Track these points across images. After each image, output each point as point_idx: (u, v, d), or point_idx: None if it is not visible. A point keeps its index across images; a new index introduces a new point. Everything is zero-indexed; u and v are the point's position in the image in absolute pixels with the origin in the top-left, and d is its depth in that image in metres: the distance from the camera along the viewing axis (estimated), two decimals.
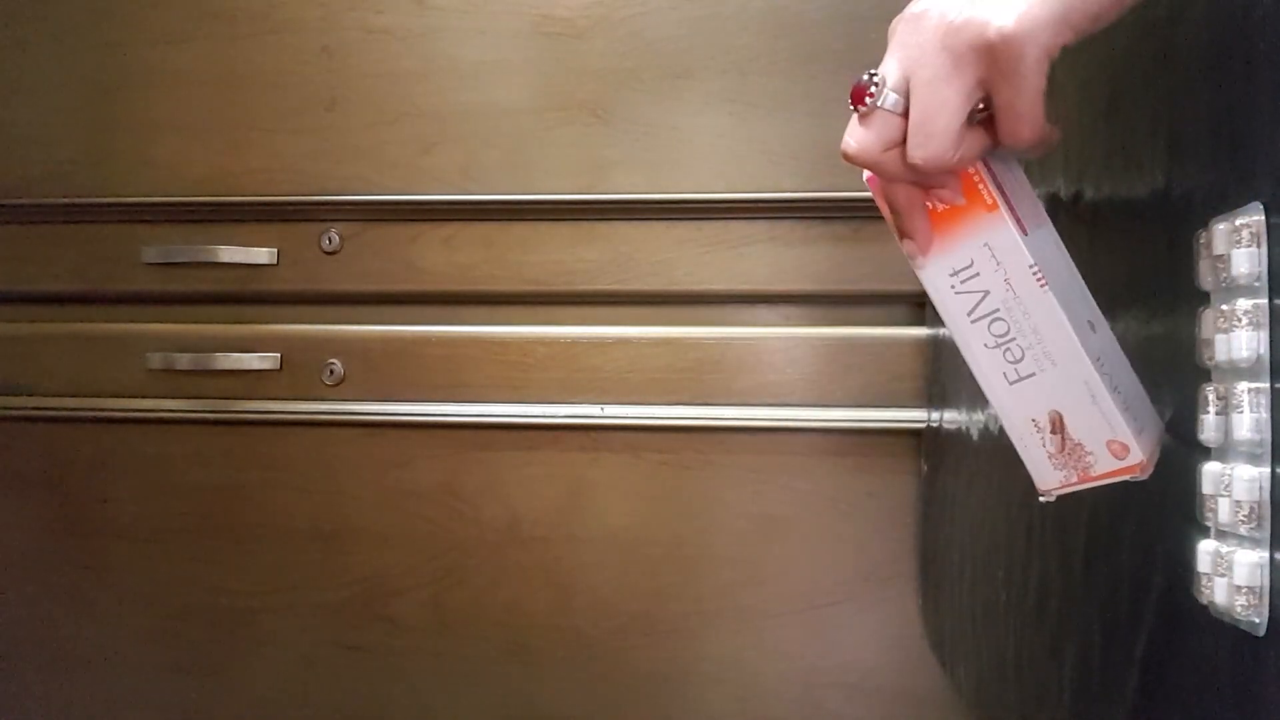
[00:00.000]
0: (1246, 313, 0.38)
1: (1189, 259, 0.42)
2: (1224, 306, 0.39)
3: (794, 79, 1.03)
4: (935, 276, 0.45)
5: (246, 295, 1.10)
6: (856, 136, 0.43)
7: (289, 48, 1.08)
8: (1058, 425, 0.44)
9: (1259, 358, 0.37)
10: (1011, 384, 0.44)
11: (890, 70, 0.42)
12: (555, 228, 1.06)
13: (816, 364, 1.04)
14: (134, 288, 1.11)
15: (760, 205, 1.03)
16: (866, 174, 0.46)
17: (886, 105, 0.42)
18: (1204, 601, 0.40)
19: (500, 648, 1.08)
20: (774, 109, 1.03)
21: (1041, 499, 0.46)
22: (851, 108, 0.43)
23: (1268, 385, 0.37)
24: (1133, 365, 0.47)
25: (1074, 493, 0.45)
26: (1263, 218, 0.37)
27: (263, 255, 1.08)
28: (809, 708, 1.06)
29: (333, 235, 1.08)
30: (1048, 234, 0.45)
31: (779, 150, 1.03)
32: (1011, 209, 0.43)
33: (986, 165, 0.43)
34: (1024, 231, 0.43)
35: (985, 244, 0.43)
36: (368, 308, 1.09)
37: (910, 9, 0.43)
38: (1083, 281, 0.46)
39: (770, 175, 1.04)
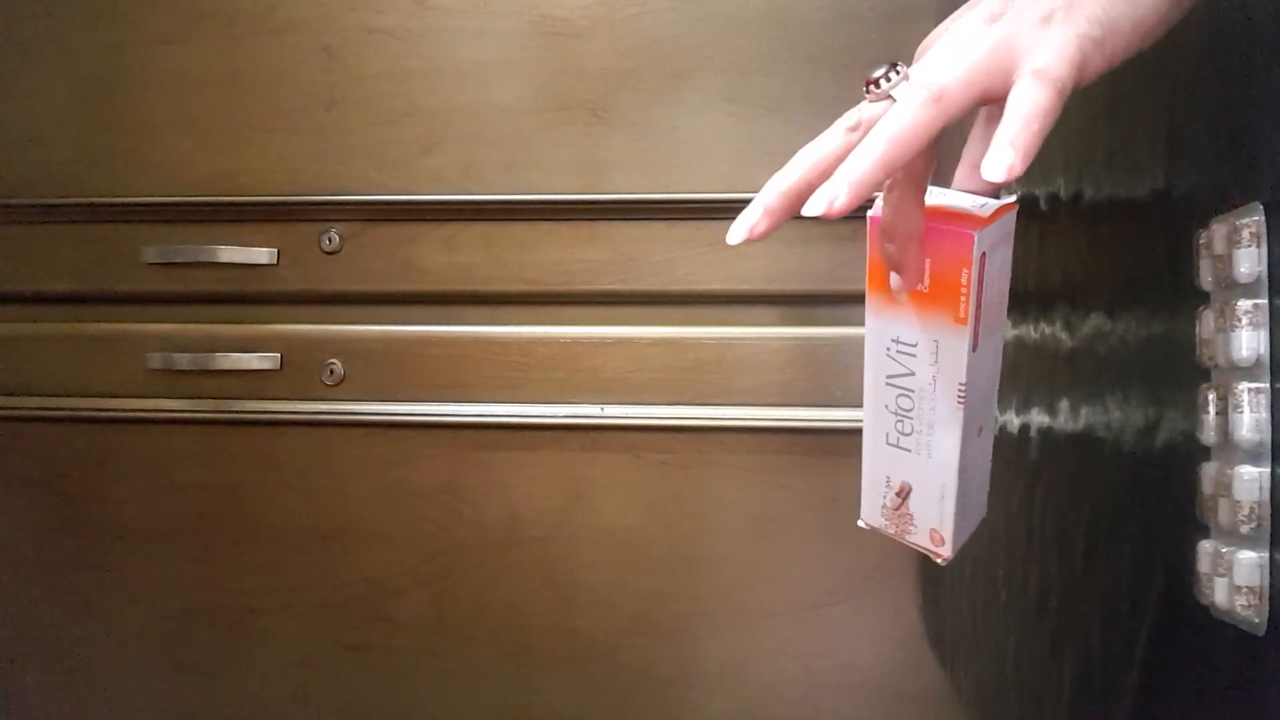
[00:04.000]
0: (1246, 313, 0.38)
1: (1189, 259, 0.42)
2: (1224, 306, 0.39)
3: (794, 79, 1.03)
4: (880, 333, 0.46)
5: (246, 295, 1.10)
6: (865, 110, 0.41)
7: (289, 48, 1.08)
8: (904, 494, 0.47)
9: (1259, 358, 0.37)
10: (888, 444, 0.47)
11: (917, 67, 0.40)
12: (555, 228, 1.06)
13: (816, 364, 1.04)
14: (134, 288, 1.11)
15: None
16: (870, 213, 0.46)
17: (892, 90, 0.40)
18: (1204, 602, 0.40)
19: (500, 648, 1.08)
20: (774, 109, 1.03)
21: (859, 524, 0.50)
22: (864, 90, 0.41)
23: (1268, 385, 0.37)
24: (1133, 365, 0.47)
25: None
26: (1263, 218, 0.37)
27: (263, 255, 1.08)
28: (809, 708, 1.06)
29: (333, 235, 1.08)
30: (995, 341, 0.46)
31: (779, 150, 1.02)
32: (977, 322, 0.43)
33: (982, 265, 0.41)
34: (975, 346, 0.43)
35: (936, 341, 0.44)
36: (368, 308, 1.09)
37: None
38: (997, 383, 0.47)
39: (770, 175, 1.03)
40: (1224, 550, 0.39)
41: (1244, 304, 0.38)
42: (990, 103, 0.39)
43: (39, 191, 1.11)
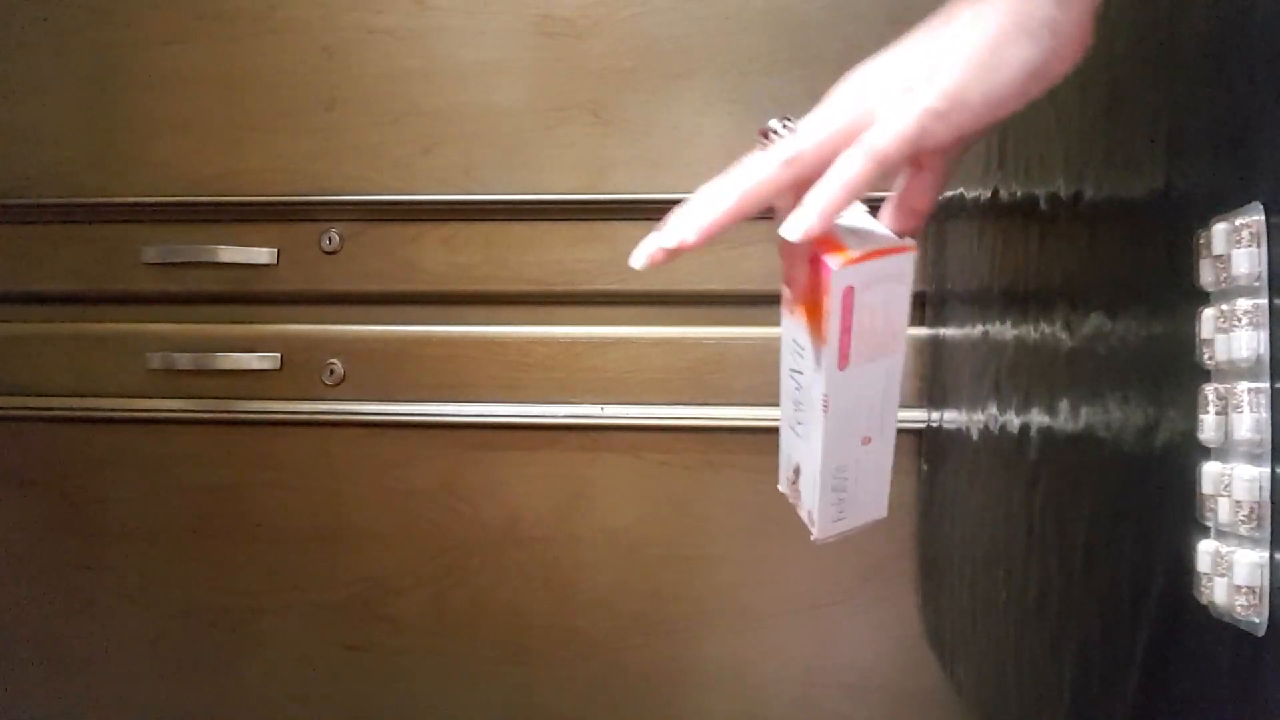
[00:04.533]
0: (1246, 313, 0.38)
1: (1189, 259, 0.42)
2: (1224, 306, 0.39)
3: (794, 79, 1.03)
4: (786, 331, 0.50)
5: (246, 295, 1.10)
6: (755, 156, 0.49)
7: (289, 48, 1.08)
8: (795, 473, 0.53)
9: (1259, 358, 0.37)
10: (789, 427, 0.53)
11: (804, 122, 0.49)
12: (555, 228, 1.06)
13: None
14: (134, 288, 1.11)
15: None
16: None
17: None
18: (1204, 601, 0.40)
19: (500, 648, 1.08)
20: (774, 109, 1.03)
21: (779, 487, 0.56)
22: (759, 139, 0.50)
23: (1268, 385, 0.37)
24: (1133, 365, 0.47)
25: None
26: (1263, 218, 0.37)
27: (263, 255, 1.08)
28: (809, 708, 1.06)
29: (333, 235, 1.08)
30: (884, 365, 0.48)
31: None
32: (845, 346, 0.46)
33: (848, 297, 0.45)
34: (844, 365, 0.46)
35: (815, 351, 0.47)
36: (368, 308, 1.09)
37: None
38: (895, 402, 0.50)
39: None
40: (1224, 550, 0.39)
41: (1244, 304, 0.38)
42: None
43: (39, 191, 1.11)
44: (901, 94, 0.43)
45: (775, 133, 0.48)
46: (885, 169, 0.43)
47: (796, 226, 0.43)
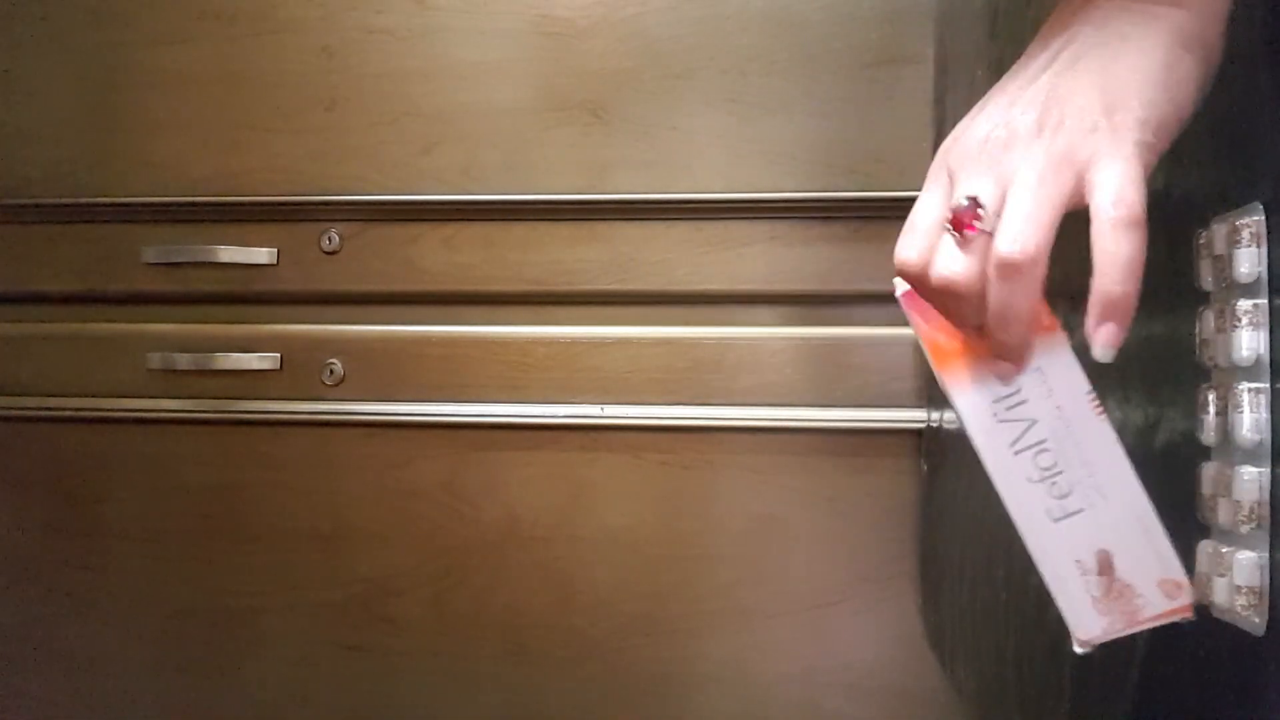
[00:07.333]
0: (1246, 313, 0.38)
1: (1189, 259, 0.42)
2: (1224, 306, 0.39)
3: (794, 79, 1.03)
4: (977, 404, 0.41)
5: (246, 295, 1.10)
6: (959, 261, 0.39)
7: (289, 48, 1.08)
8: (1106, 566, 0.40)
9: (1259, 358, 0.37)
10: (1056, 521, 0.41)
11: (984, 190, 0.39)
12: (555, 228, 1.06)
13: (816, 364, 1.04)
14: (134, 288, 1.11)
15: (760, 205, 1.03)
16: (901, 292, 0.43)
17: (988, 229, 0.39)
18: (1204, 601, 0.40)
19: (500, 648, 1.08)
20: (774, 109, 1.03)
21: (1078, 649, 0.41)
22: (952, 233, 0.39)
23: (1268, 385, 0.37)
24: (1133, 365, 0.47)
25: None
26: (1263, 218, 0.37)
27: (263, 255, 1.08)
28: (809, 708, 1.06)
29: (333, 235, 1.08)
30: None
31: (779, 150, 1.03)
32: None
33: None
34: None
35: (1038, 368, 0.40)
36: (368, 308, 1.09)
37: (979, 135, 0.40)
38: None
39: (770, 175, 1.04)
40: (1224, 550, 0.39)
41: (1244, 304, 0.38)
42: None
43: (39, 191, 1.11)
44: (1090, 134, 0.37)
45: (974, 214, 0.38)
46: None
47: (1107, 343, 0.36)
